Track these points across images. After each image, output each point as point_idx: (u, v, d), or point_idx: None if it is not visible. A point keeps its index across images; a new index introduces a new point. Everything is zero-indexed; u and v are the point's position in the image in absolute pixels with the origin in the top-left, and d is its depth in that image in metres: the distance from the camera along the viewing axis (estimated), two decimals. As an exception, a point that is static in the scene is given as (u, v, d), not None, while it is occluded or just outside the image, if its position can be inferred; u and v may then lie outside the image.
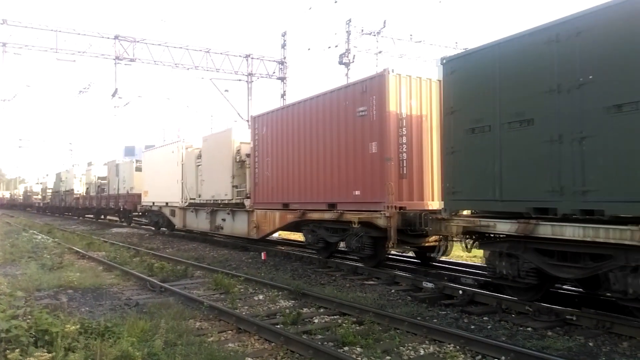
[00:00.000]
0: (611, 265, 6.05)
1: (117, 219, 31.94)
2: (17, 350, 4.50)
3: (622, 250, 5.89)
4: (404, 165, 10.36)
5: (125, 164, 29.22)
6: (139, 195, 24.69)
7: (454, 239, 8.66)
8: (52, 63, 23.03)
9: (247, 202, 15.18)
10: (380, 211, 9.99)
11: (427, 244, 10.33)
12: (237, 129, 16.97)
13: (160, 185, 21.51)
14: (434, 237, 9.61)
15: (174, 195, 20.16)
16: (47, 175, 57.24)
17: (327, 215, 11.54)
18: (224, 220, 16.63)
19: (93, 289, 9.13)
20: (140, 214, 26.25)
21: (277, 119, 13.99)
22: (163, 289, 9.02)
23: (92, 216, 35.97)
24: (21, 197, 68.58)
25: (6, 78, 25.23)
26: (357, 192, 10.73)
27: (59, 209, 45.15)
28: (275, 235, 17.58)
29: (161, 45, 25.76)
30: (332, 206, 11.49)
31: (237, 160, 16.01)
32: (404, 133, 10.33)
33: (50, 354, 4.53)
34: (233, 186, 16.01)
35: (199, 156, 18.77)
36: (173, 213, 20.58)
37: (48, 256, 12.58)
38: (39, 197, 57.14)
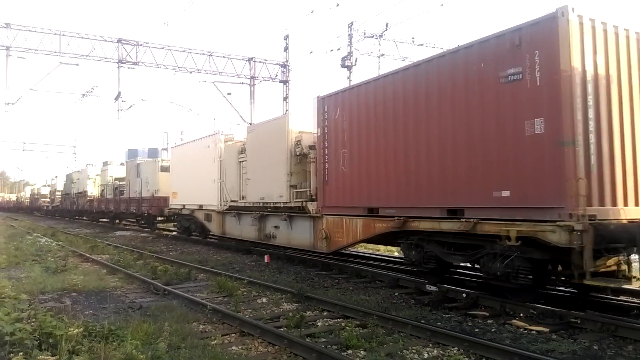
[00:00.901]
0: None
1: (134, 223, 29.66)
2: (20, 353, 4.50)
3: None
4: (592, 152, 6.92)
5: (147, 163, 26.65)
6: (166, 199, 22.17)
7: None
8: (55, 66, 23.20)
9: (310, 206, 12.09)
10: (556, 221, 6.66)
11: (604, 269, 7.07)
12: (295, 115, 13.77)
13: (192, 186, 18.90)
14: (614, 259, 6.99)
15: (209, 197, 17.43)
16: (56, 176, 54.58)
17: (447, 226, 8.22)
18: (276, 227, 13.83)
19: (97, 292, 9.15)
20: (166, 218, 24.12)
21: (359, 98, 10.48)
22: (166, 292, 9.03)
23: (107, 220, 33.38)
24: (28, 200, 66.24)
25: (10, 82, 25.29)
26: (503, 193, 7.44)
27: (70, 212, 42.00)
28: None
29: (164, 48, 25.82)
30: (452, 212, 8.27)
31: (296, 154, 12.92)
32: (590, 104, 6.94)
33: (54, 357, 4.54)
34: (290, 186, 12.98)
35: (242, 150, 16.01)
36: (208, 218, 17.91)
37: (52, 259, 12.63)
38: (47, 199, 54.53)
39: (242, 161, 15.99)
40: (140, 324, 6.14)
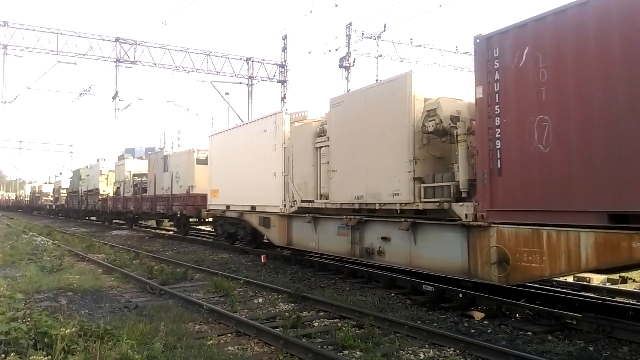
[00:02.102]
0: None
1: (154, 225, 27.16)
2: (12, 353, 4.48)
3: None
4: None
5: (180, 155, 23.03)
6: (203, 197, 18.57)
7: None
8: (53, 65, 23.15)
9: (460, 209, 7.82)
10: None
11: None
12: (422, 75, 9.31)
13: (241, 182, 15.01)
14: None
15: (267, 195, 13.54)
16: (60, 173, 51.02)
17: None
18: (386, 240, 9.58)
19: (92, 292, 9.12)
20: (201, 220, 20.63)
21: (578, 27, 6.27)
22: (163, 292, 9.01)
23: (123, 222, 29.54)
24: (28, 199, 62.41)
25: (7, 80, 25.25)
26: None
27: (78, 212, 37.74)
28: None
29: (162, 47, 25.79)
30: None
31: (427, 131, 8.59)
32: None
33: (48, 357, 4.52)
34: (414, 179, 8.72)
35: (321, 132, 11.73)
36: (265, 222, 13.83)
37: (48, 258, 12.61)
38: (51, 198, 50.43)
39: (321, 146, 11.62)
40: (136, 324, 6.12)
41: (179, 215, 20.97)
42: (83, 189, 36.06)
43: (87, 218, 37.22)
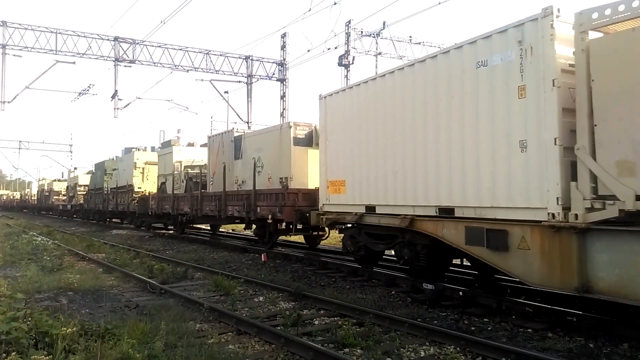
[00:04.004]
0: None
1: (207, 229, 22.90)
2: (13, 353, 4.48)
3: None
4: None
5: (263, 134, 16.10)
6: (310, 194, 13.23)
7: None
8: (52, 65, 23.12)
9: None
10: None
11: None
12: None
13: (410, 165, 8.97)
14: None
15: (495, 186, 7.27)
16: (75, 168, 43.82)
17: None
18: None
19: (93, 291, 9.12)
20: (306, 228, 13.88)
21: None
22: (163, 291, 9.02)
23: (171, 228, 23.48)
24: (35, 198, 56.75)
25: (7, 80, 25.24)
26: None
27: (102, 214, 31.73)
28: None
29: (161, 46, 25.77)
30: None
31: None
32: None
33: (49, 356, 4.52)
34: None
35: None
36: (495, 240, 7.09)
37: (48, 258, 12.60)
38: (63, 197, 44.55)
39: None
40: (137, 323, 6.12)
41: (269, 221, 14.11)
42: (109, 185, 30.12)
43: (116, 220, 31.61)
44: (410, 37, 27.68)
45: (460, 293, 8.05)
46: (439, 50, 8.98)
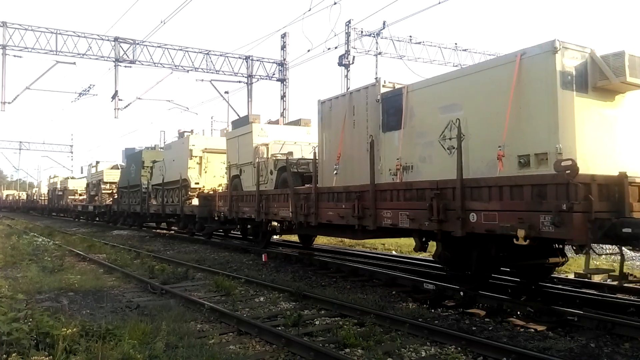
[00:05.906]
0: None
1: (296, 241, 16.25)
2: (14, 353, 4.49)
3: None
4: None
5: (473, 74, 8.45)
6: (609, 185, 6.12)
7: None
8: (52, 65, 23.11)
9: None
10: None
11: None
12: None
13: None
14: None
15: None
16: (97, 162, 35.48)
17: None
18: None
19: (94, 292, 9.12)
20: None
21: None
22: (164, 291, 9.02)
23: (250, 238, 16.92)
24: (44, 199, 50.44)
25: (7, 80, 25.26)
26: None
27: (140, 217, 24.94)
28: (276, 236, 15.33)
29: (161, 47, 25.80)
30: None
31: None
32: None
33: (49, 357, 4.53)
34: None
35: None
36: None
37: (49, 259, 12.60)
38: (80, 197, 38.61)
39: None
40: (138, 324, 6.12)
41: (519, 242, 6.47)
42: (149, 181, 24.31)
43: (163, 229, 24.94)
44: (411, 36, 27.66)
45: (461, 293, 8.04)
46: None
